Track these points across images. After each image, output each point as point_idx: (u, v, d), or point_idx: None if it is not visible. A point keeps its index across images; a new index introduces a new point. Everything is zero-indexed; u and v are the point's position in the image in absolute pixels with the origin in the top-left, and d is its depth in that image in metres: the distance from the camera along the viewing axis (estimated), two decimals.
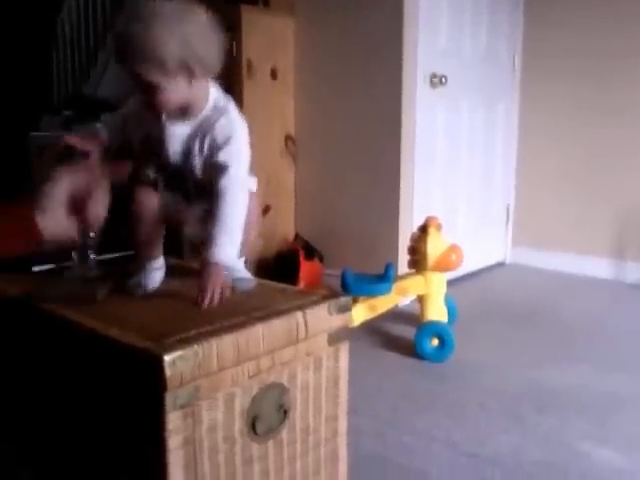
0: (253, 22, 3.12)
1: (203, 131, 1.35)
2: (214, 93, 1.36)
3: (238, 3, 3.08)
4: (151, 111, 1.33)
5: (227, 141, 1.35)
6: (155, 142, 1.37)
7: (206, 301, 1.25)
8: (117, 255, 1.67)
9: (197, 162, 1.37)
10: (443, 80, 3.15)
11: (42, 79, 5.40)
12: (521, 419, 1.96)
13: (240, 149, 1.36)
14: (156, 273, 1.44)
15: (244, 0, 3.14)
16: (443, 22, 3.19)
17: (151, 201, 1.43)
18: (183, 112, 1.33)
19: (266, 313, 1.20)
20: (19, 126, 4.82)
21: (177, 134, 1.36)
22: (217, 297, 1.27)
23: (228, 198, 1.33)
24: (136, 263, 1.45)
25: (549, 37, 3.67)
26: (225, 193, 1.33)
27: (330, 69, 3.26)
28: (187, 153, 1.37)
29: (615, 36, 3.45)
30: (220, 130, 1.34)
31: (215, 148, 1.34)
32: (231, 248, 1.33)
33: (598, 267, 3.60)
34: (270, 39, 3.21)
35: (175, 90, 1.27)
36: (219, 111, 1.35)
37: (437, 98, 3.19)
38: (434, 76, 3.13)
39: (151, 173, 1.41)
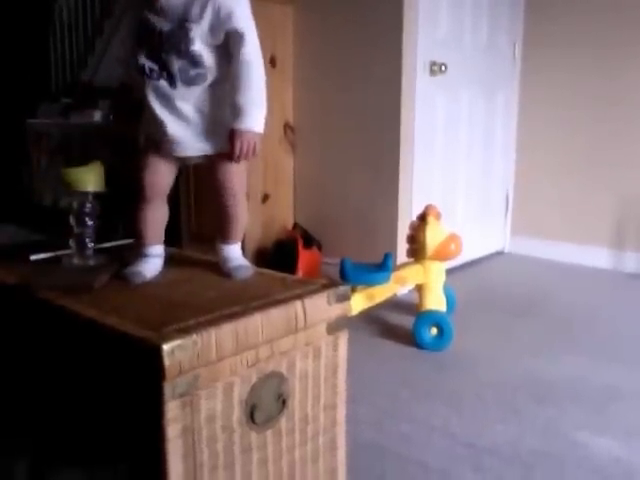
0: (252, 10, 3.09)
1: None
2: None
3: None
4: None
5: (237, 5, 1.34)
6: (148, 22, 1.33)
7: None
8: (115, 243, 1.67)
9: (195, 31, 1.31)
10: (443, 68, 3.14)
11: (40, 66, 5.38)
12: (518, 409, 1.97)
13: (250, 14, 1.37)
14: (156, 260, 1.44)
15: None
16: (443, 11, 3.17)
17: (165, 172, 1.43)
18: None
19: (265, 302, 1.20)
20: (17, 113, 4.81)
21: (173, 1, 1.30)
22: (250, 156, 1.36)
23: (253, 66, 1.35)
24: (136, 250, 1.45)
25: (549, 27, 3.65)
26: (249, 61, 1.34)
27: (329, 58, 3.24)
28: (183, 21, 1.31)
29: (615, 26, 3.44)
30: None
31: (224, 14, 1.32)
32: (261, 115, 1.36)
33: (597, 257, 3.59)
34: (269, 27, 3.19)
35: None
36: None
37: (437, 86, 3.17)
38: (434, 64, 3.11)
39: (143, 60, 1.35)
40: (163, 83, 1.35)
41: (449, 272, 2.71)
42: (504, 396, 2.05)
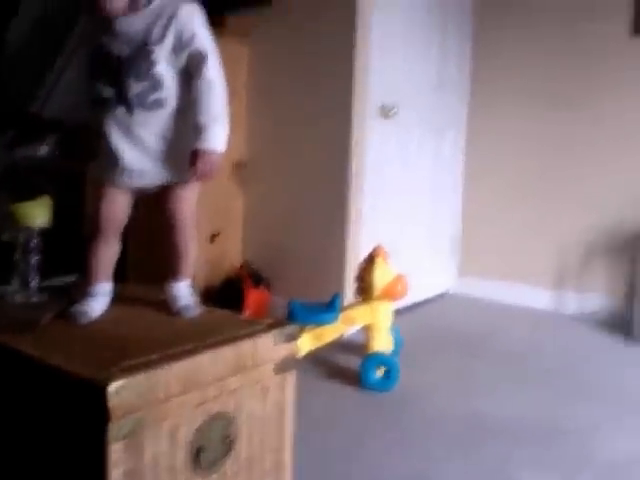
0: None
1: (163, 19, 1.33)
2: None
3: None
4: (107, 12, 1.30)
5: (199, 27, 1.38)
6: (105, 49, 1.34)
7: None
8: (60, 280, 1.64)
9: (157, 53, 1.33)
10: (394, 109, 3.21)
11: None
12: (464, 448, 1.98)
13: (209, 35, 1.41)
14: (103, 299, 1.42)
15: None
16: (395, 52, 3.25)
17: (122, 203, 1.42)
18: (134, 5, 1.32)
19: (214, 341, 1.20)
20: None
21: (132, 26, 1.33)
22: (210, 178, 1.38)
23: (215, 85, 1.40)
24: (83, 287, 1.42)
25: (496, 68, 3.80)
26: (211, 80, 1.39)
27: (282, 95, 3.28)
28: (143, 44, 1.33)
29: (563, 66, 3.60)
30: (187, 17, 1.35)
31: (187, 36, 1.35)
32: (223, 134, 1.42)
33: (540, 298, 3.69)
34: (224, 62, 3.21)
35: None
36: (173, 0, 1.36)
37: (387, 127, 3.24)
38: (385, 105, 3.18)
39: (99, 88, 1.35)
40: (120, 110, 1.35)
41: (396, 313, 2.73)
42: (450, 435, 2.06)
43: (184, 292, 1.47)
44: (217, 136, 1.39)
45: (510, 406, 2.31)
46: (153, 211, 1.47)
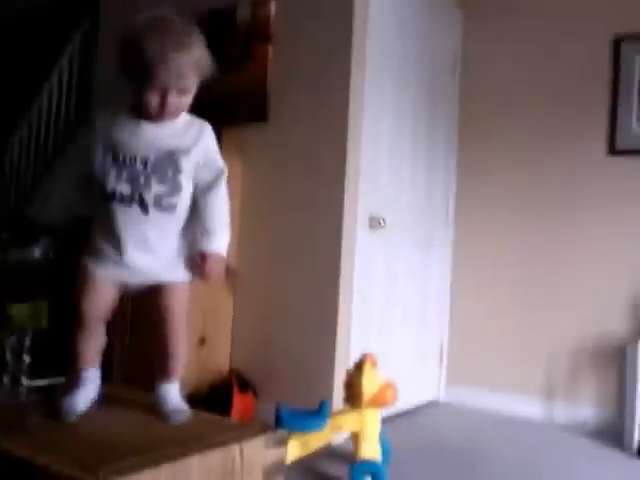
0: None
1: (191, 134, 1.49)
2: None
3: None
4: (157, 118, 1.43)
5: (216, 146, 1.55)
6: (127, 149, 1.43)
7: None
8: (52, 380, 1.64)
9: (183, 162, 1.46)
10: (382, 222, 3.30)
11: None
12: None
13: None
14: (90, 387, 1.42)
15: None
16: (383, 166, 3.38)
17: (111, 296, 1.45)
18: (166, 115, 1.45)
19: (203, 444, 1.20)
20: None
21: (161, 133, 1.45)
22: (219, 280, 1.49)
23: (224, 198, 1.55)
24: (71, 375, 1.43)
25: (480, 183, 3.95)
26: (224, 194, 1.55)
27: (273, 206, 3.37)
28: (172, 152, 1.44)
29: (544, 179, 3.76)
30: (211, 136, 1.52)
31: (212, 153, 1.53)
32: (227, 241, 1.53)
33: (529, 407, 3.67)
34: None
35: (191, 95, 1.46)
36: (198, 119, 1.53)
37: (376, 239, 3.32)
38: (373, 218, 3.28)
39: (113, 185, 1.42)
40: (135, 209, 1.41)
41: (384, 421, 2.70)
42: None
43: (173, 394, 1.47)
44: (223, 240, 1.51)
45: None
46: (142, 309, 1.50)
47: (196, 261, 1.46)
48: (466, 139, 4.05)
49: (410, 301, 3.69)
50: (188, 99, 1.46)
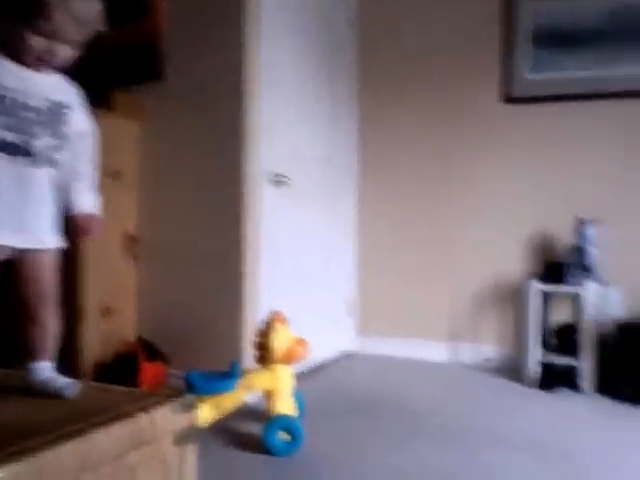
0: (97, 124, 3.09)
1: (72, 90, 1.44)
2: None
3: None
4: (36, 66, 1.33)
5: (84, 104, 1.48)
6: (16, 95, 1.31)
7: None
8: None
9: (70, 116, 1.40)
10: (286, 180, 3.27)
11: None
12: None
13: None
14: None
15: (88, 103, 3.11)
16: (285, 124, 3.34)
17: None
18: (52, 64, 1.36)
19: (107, 417, 1.15)
20: None
21: (48, 84, 1.36)
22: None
23: (92, 156, 1.48)
24: None
25: (383, 140, 3.99)
26: (90, 151, 1.47)
27: (174, 170, 3.27)
28: (60, 105, 1.38)
29: (443, 136, 3.83)
30: (80, 96, 1.46)
31: (82, 113, 1.46)
32: (96, 199, 1.48)
33: (437, 351, 3.81)
34: (114, 141, 3.19)
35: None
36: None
37: (281, 197, 3.30)
38: (277, 176, 3.24)
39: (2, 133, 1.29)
40: (20, 160, 1.30)
41: (298, 376, 2.72)
42: None
43: (52, 372, 1.37)
44: (93, 199, 1.47)
45: (413, 459, 2.33)
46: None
47: (71, 223, 1.39)
48: (366, 95, 4.05)
49: (317, 258, 3.71)
50: (75, 53, 1.35)
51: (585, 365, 3.17)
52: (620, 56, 3.45)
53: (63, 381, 1.35)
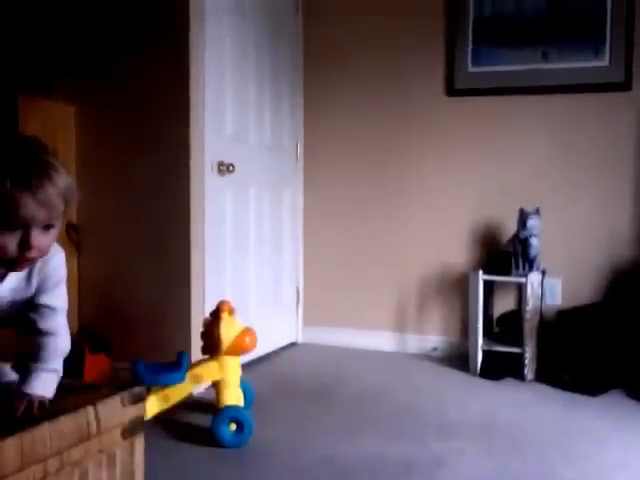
0: (31, 110, 3.00)
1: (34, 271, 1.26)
2: None
3: (14, 92, 2.96)
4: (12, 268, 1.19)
5: (60, 282, 1.32)
6: None
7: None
8: None
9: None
10: (231, 168, 3.24)
11: None
12: None
13: (65, 289, 1.34)
14: None
15: (23, 88, 3.02)
16: (229, 112, 3.30)
17: None
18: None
19: (51, 411, 1.12)
20: None
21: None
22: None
23: (59, 338, 1.34)
24: None
25: (327, 127, 3.99)
26: (58, 333, 1.33)
27: (114, 155, 3.20)
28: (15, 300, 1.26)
29: (387, 126, 3.85)
30: (54, 270, 1.30)
31: (47, 287, 1.29)
32: (57, 381, 1.29)
33: (383, 340, 3.84)
34: (51, 124, 3.10)
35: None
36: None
37: (225, 185, 3.26)
38: (222, 164, 3.21)
39: None
40: None
41: (245, 366, 2.71)
42: None
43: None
44: (51, 383, 1.30)
45: (363, 447, 2.35)
46: None
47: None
48: (310, 82, 4.04)
49: (263, 247, 3.69)
50: (54, 235, 1.21)
51: (528, 353, 3.24)
52: (557, 50, 3.52)
53: (9, 377, 1.32)
